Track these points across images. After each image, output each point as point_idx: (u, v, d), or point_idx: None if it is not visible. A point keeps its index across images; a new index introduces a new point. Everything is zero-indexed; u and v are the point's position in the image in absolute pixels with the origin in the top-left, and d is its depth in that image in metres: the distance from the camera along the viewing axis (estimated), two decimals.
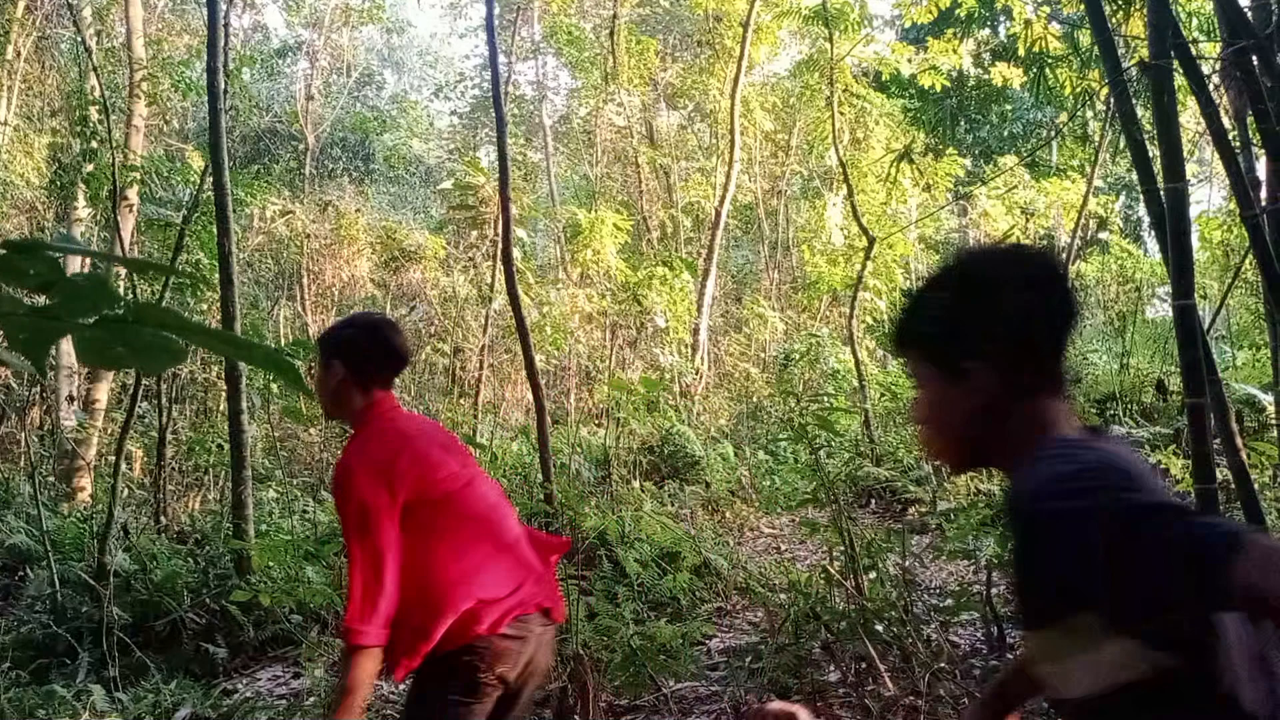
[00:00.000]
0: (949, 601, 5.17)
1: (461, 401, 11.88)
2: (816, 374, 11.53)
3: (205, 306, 9.50)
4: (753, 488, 8.69)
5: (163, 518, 7.81)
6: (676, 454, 9.48)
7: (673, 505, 7.92)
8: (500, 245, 7.23)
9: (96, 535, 6.36)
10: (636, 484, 8.30)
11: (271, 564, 5.65)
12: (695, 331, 12.98)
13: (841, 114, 13.65)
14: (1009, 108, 20.58)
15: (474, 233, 13.01)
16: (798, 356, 11.98)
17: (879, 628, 4.75)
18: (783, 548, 7.45)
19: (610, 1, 18.39)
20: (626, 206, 16.61)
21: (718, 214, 13.96)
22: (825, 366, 11.45)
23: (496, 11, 18.23)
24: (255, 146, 17.96)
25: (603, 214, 13.54)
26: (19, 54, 15.11)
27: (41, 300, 0.93)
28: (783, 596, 5.48)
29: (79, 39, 12.17)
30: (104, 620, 5.31)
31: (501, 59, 21.08)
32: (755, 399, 12.29)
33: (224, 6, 7.88)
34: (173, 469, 9.15)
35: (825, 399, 9.42)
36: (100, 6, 15.27)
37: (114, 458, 9.19)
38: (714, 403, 12.28)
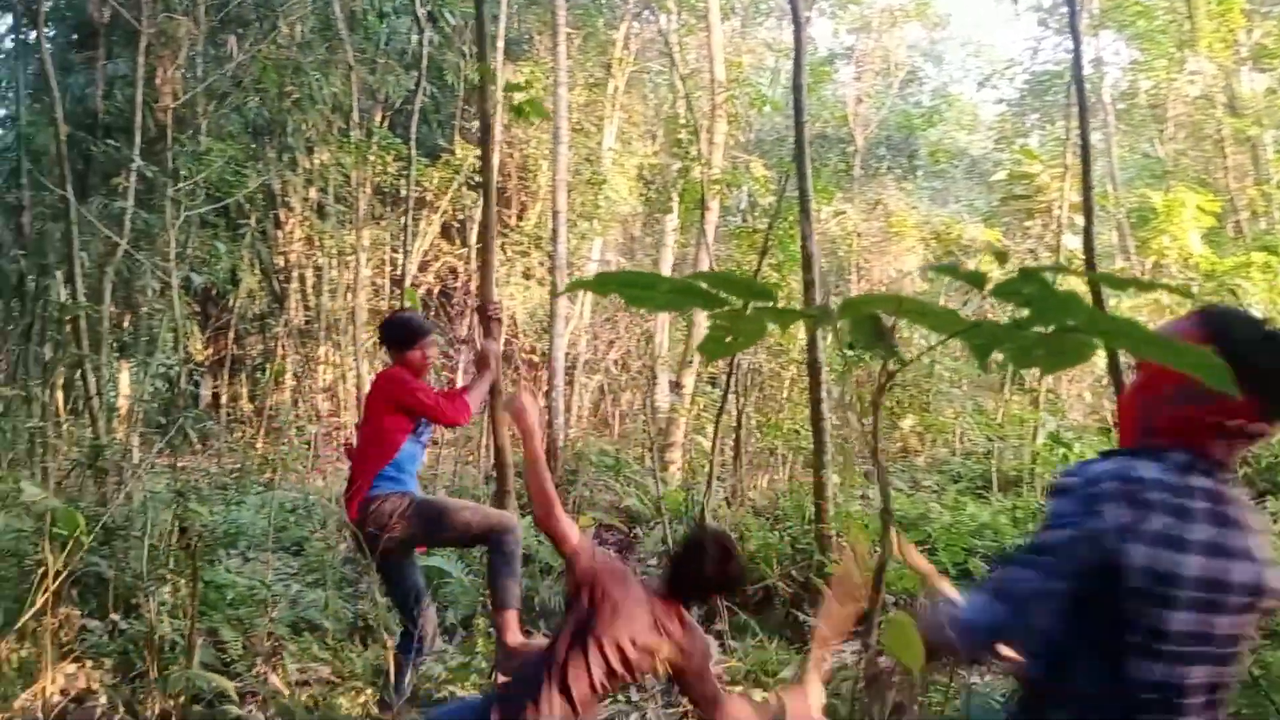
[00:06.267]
0: None
1: (1015, 396, 11.57)
2: None
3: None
4: None
5: (741, 493, 8.73)
6: (1277, 465, 8.30)
7: (1276, 523, 6.98)
8: (1083, 247, 6.92)
9: (698, 503, 7.30)
10: None
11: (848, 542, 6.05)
12: None
13: None
14: None
15: (1029, 223, 12.55)
16: None
17: None
18: None
19: None
20: (1204, 185, 14.77)
21: None
22: None
23: None
24: None
25: (1181, 194, 12.18)
26: (618, 88, 17.72)
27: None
28: None
29: (673, 69, 13.91)
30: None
31: (1057, 39, 19.97)
32: None
33: (805, 33, 8.52)
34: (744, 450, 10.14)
35: None
36: (681, 36, 17.29)
37: (700, 438, 10.46)
38: None
